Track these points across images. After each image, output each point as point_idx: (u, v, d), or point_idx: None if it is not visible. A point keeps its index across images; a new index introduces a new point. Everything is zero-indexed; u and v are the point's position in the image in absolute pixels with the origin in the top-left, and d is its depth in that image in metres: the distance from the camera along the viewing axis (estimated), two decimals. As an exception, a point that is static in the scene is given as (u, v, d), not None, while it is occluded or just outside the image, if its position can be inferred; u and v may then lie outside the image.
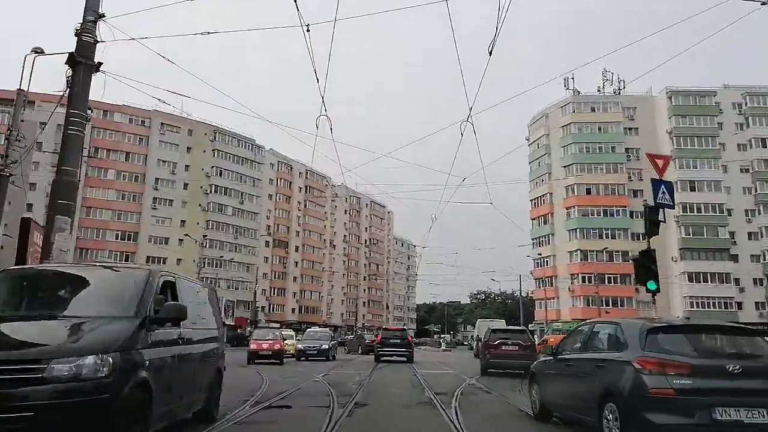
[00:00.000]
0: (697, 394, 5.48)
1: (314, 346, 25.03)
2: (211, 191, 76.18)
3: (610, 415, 6.01)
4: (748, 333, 6.65)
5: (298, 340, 27.21)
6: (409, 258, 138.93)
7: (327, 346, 25.24)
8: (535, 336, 70.80)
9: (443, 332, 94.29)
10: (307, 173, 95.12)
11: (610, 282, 61.48)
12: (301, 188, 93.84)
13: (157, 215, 71.13)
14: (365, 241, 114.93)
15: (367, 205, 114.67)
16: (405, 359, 25.85)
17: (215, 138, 77.77)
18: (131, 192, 70.39)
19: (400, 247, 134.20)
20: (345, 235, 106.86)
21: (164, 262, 69.67)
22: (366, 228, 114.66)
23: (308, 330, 30.61)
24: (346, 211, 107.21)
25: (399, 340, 27.17)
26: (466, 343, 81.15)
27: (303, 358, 25.47)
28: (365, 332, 57.60)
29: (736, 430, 5.41)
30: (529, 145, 74.68)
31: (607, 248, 60.14)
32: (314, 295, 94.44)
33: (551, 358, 8.34)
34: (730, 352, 6.17)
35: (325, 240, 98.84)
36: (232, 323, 57.20)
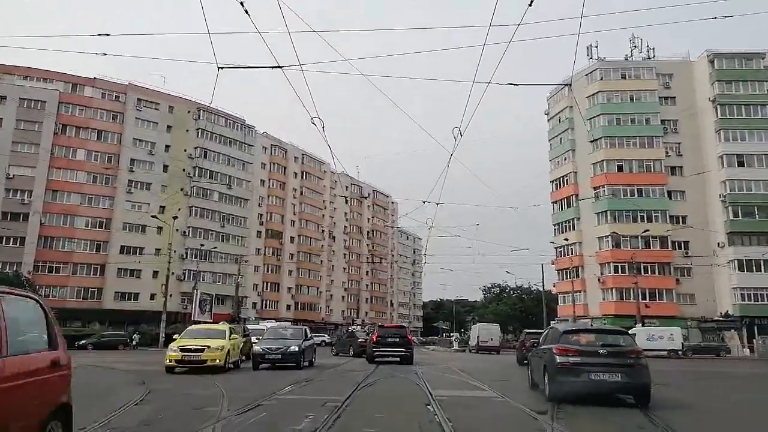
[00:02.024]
0: (582, 365, 10.10)
1: (277, 348, 17.23)
2: (194, 174, 68.58)
3: (546, 378, 10.78)
4: (617, 332, 11.70)
5: (257, 340, 19.31)
6: (414, 252, 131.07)
7: (296, 348, 17.47)
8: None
9: (452, 330, 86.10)
10: (303, 158, 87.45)
11: (646, 272, 53.44)
12: (296, 174, 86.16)
13: (132, 200, 63.49)
14: (367, 232, 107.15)
15: (369, 194, 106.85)
16: (404, 360, 22.48)
17: (199, 116, 70.10)
18: (103, 174, 62.78)
19: (405, 240, 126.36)
20: (345, 226, 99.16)
21: (140, 252, 62.28)
22: (368, 219, 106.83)
23: (270, 326, 22.40)
24: (346, 200, 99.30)
25: (398, 339, 23.24)
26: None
27: (263, 365, 17.75)
28: (357, 328, 49.70)
29: (601, 384, 9.99)
30: (548, 120, 66.65)
31: (646, 232, 51.88)
32: (312, 291, 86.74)
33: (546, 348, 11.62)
34: (603, 342, 10.69)
35: (323, 231, 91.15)
36: (210, 320, 49.48)
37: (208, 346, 16.11)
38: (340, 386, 12.46)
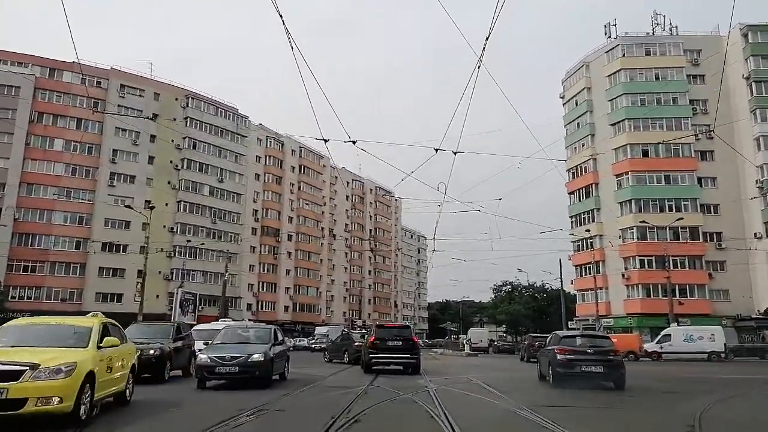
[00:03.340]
0: (575, 361, 13.94)
1: (234, 358, 12.27)
2: (182, 166, 63.94)
3: (550, 370, 14.62)
4: (600, 337, 17.36)
5: (205, 346, 14.02)
6: (419, 251, 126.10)
7: (261, 356, 12.37)
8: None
9: (460, 332, 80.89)
10: (301, 151, 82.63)
11: (675, 266, 48.19)
12: (294, 168, 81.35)
13: (115, 194, 58.73)
14: (370, 231, 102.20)
15: (371, 190, 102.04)
16: (408, 368, 18.22)
17: (188, 104, 65.50)
18: (83, 166, 58.20)
19: (409, 239, 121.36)
20: (347, 224, 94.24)
21: (124, 250, 57.42)
22: (371, 216, 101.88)
23: (225, 325, 16.51)
24: (347, 197, 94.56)
25: (400, 342, 18.43)
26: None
27: (215, 380, 12.84)
28: (354, 330, 44.81)
29: (589, 373, 13.67)
30: (564, 104, 61.54)
31: (680, 219, 46.63)
32: (311, 291, 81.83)
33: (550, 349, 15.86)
34: (591, 344, 14.81)
35: (323, 228, 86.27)
36: (193, 321, 44.58)
37: (31, 367, 6.93)
38: (305, 423, 7.55)
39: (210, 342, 14.10)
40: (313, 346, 52.17)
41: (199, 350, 14.12)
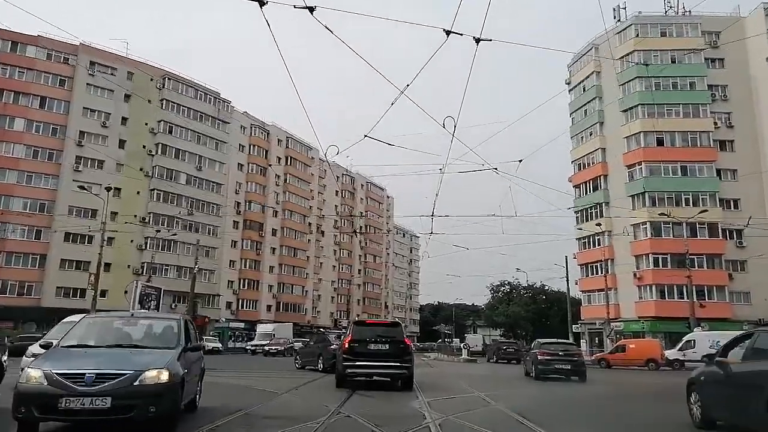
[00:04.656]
0: (550, 360, 20.26)
1: (101, 378, 6.38)
2: (157, 152, 58.99)
3: (533, 367, 20.78)
4: (569, 344, 25.12)
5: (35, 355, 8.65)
6: (411, 251, 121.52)
7: (163, 375, 7.14)
8: (583, 341, 53.45)
9: (454, 335, 76.20)
10: (288, 141, 77.92)
11: (692, 265, 43.73)
12: (280, 159, 76.53)
13: (81, 179, 53.42)
14: (360, 228, 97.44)
15: (362, 186, 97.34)
16: (397, 380, 13.64)
17: (164, 85, 60.61)
18: (46, 148, 53.25)
19: (401, 238, 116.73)
20: (336, 221, 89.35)
21: (90, 241, 52.42)
22: (361, 213, 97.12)
23: (88, 319, 8.51)
24: (337, 192, 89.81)
25: (387, 344, 13.46)
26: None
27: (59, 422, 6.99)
28: (328, 331, 40.18)
29: (560, 369, 20.26)
30: (570, 90, 57.16)
31: (703, 212, 41.98)
32: (296, 290, 76.98)
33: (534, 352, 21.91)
34: (562, 349, 21.09)
35: (310, 224, 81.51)
36: (155, 320, 39.89)
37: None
38: None
39: (55, 344, 7.75)
40: (253, 348, 46.32)
41: (30, 359, 8.63)
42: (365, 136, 12.07)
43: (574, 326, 50.06)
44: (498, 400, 11.51)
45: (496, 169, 17.18)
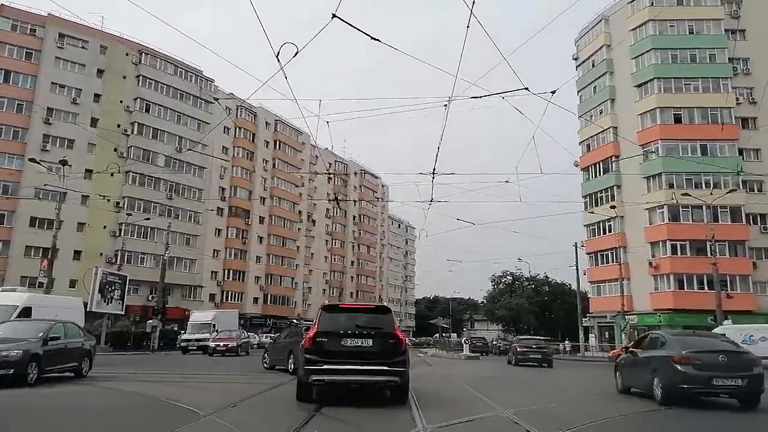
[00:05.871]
0: (526, 352, 28.09)
1: None
2: (132, 131, 54.80)
3: (512, 356, 28.92)
4: (542, 339, 33.25)
5: None
6: (407, 242, 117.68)
7: None
8: (592, 335, 49.61)
9: (451, 330, 72.37)
10: (277, 124, 73.77)
11: (713, 253, 39.93)
12: (268, 143, 72.43)
13: (48, 160, 48.84)
14: (353, 217, 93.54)
15: (356, 173, 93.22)
16: (385, 390, 9.75)
17: (141, 60, 56.31)
18: (10, 126, 49.05)
19: (396, 229, 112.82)
20: (328, 209, 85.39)
21: (59, 227, 48.00)
22: (355, 202, 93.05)
23: None
24: (329, 179, 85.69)
25: (370, 337, 9.14)
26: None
27: None
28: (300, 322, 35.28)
29: (535, 359, 27.50)
30: (578, 66, 53.22)
31: (730, 193, 38.04)
32: (285, 281, 73.02)
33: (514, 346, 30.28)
34: (535, 343, 29.65)
35: (300, 212, 77.51)
36: (119, 311, 35.69)
37: None
38: None
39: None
40: (184, 344, 34.43)
41: None
42: (333, 15, 8.03)
43: (583, 319, 46.37)
44: (528, 422, 7.60)
45: (503, 97, 13.11)
